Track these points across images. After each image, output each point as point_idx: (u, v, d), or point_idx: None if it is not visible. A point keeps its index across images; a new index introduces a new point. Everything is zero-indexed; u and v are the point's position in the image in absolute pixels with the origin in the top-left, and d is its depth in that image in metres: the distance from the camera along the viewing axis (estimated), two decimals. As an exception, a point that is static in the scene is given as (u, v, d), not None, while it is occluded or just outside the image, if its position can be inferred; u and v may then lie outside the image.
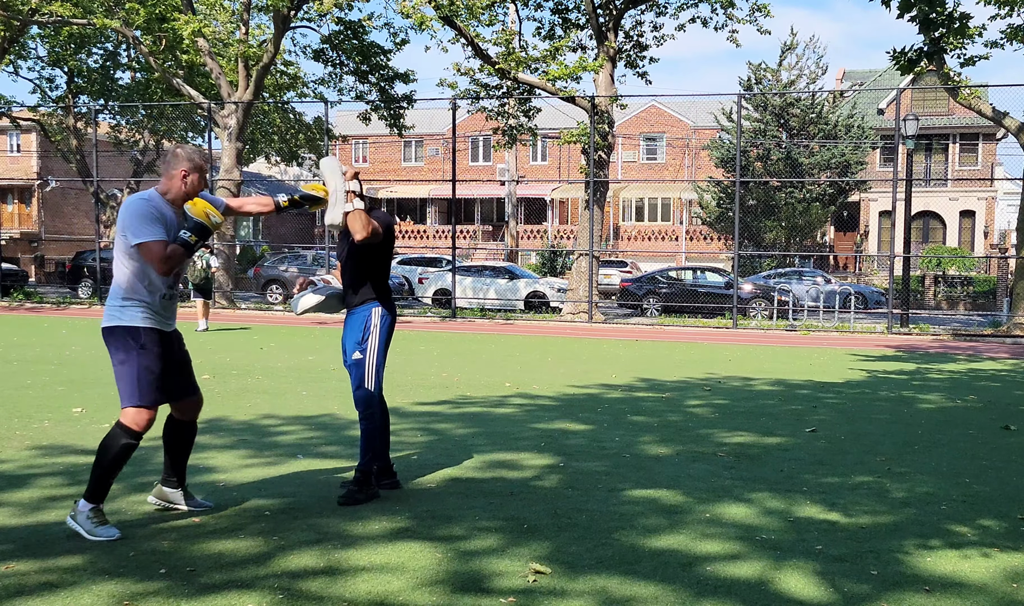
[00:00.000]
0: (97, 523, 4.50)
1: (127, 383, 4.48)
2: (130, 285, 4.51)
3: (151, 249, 4.42)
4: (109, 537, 4.46)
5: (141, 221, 4.43)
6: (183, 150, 4.65)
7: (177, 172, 4.59)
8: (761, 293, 24.59)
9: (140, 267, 4.51)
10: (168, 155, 4.65)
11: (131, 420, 4.48)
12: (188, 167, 4.60)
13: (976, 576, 4.18)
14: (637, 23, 24.11)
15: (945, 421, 8.45)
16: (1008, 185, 39.78)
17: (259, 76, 24.61)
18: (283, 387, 9.94)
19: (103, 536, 4.46)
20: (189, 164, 4.60)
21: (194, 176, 4.61)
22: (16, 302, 26.26)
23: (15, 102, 32.78)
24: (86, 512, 4.50)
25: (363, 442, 5.32)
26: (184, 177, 4.60)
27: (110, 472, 4.50)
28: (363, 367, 5.30)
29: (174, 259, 4.48)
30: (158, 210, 4.50)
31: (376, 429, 5.34)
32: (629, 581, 4.04)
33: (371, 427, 5.32)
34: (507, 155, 38.10)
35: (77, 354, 12.90)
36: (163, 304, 4.61)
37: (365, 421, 5.33)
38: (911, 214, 22.14)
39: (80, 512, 4.52)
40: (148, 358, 4.50)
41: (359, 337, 5.32)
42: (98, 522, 4.50)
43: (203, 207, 4.56)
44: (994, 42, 19.79)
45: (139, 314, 4.51)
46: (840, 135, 36.53)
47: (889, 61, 9.18)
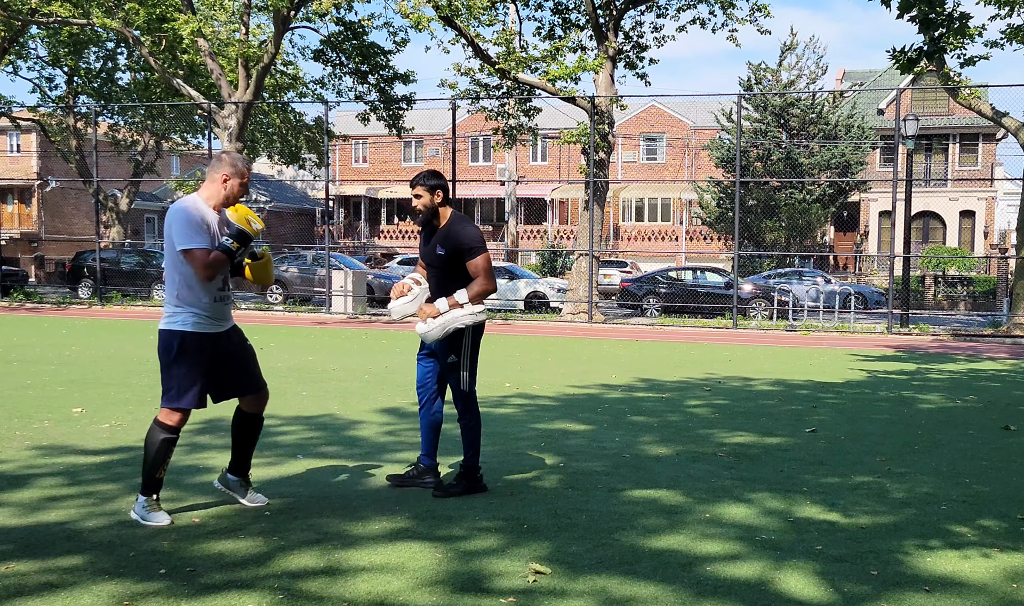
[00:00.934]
0: (152, 510, 4.78)
1: (168, 383, 4.70)
2: (180, 290, 4.67)
3: (195, 256, 4.58)
4: (159, 523, 4.72)
5: (187, 228, 4.57)
6: (227, 155, 4.81)
7: (219, 176, 4.73)
8: (761, 293, 24.59)
9: (188, 272, 4.66)
10: (213, 160, 4.81)
11: (166, 417, 4.73)
12: (229, 172, 4.73)
13: (976, 576, 4.18)
14: (637, 24, 24.11)
15: (945, 421, 8.45)
16: (1008, 185, 39.79)
17: (259, 76, 24.60)
18: (283, 387, 9.93)
19: (154, 522, 4.72)
20: (231, 169, 4.73)
21: (234, 181, 4.75)
22: (16, 302, 26.26)
23: (15, 102, 32.78)
24: (142, 502, 4.80)
25: (466, 440, 5.50)
26: (225, 181, 4.73)
27: (155, 466, 4.74)
28: (458, 370, 5.47)
29: (216, 266, 4.62)
30: (201, 216, 4.64)
31: (478, 426, 5.51)
32: (629, 581, 4.04)
33: (472, 424, 5.50)
34: (507, 155, 38.11)
35: (77, 354, 12.90)
36: (214, 307, 4.74)
37: (465, 419, 5.50)
38: (911, 214, 22.13)
39: (137, 503, 4.82)
40: (189, 362, 4.67)
41: (454, 341, 5.44)
42: (153, 509, 4.79)
43: (244, 213, 4.70)
44: (994, 42, 19.79)
45: (188, 319, 4.67)
46: (840, 135, 36.54)
47: (889, 60, 9.17)
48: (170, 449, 4.74)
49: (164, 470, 4.79)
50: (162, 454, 4.72)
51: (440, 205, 5.42)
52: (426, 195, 5.38)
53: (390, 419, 8.03)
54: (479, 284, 5.33)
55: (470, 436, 5.50)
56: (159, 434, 4.71)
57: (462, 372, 5.46)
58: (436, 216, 5.43)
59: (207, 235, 4.61)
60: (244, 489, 5.17)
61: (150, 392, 9.40)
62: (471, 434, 5.50)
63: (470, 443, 5.51)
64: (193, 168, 43.71)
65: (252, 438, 5.14)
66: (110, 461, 6.23)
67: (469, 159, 47.08)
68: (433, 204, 5.40)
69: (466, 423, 5.51)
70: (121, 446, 6.72)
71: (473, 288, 5.33)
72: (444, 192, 5.43)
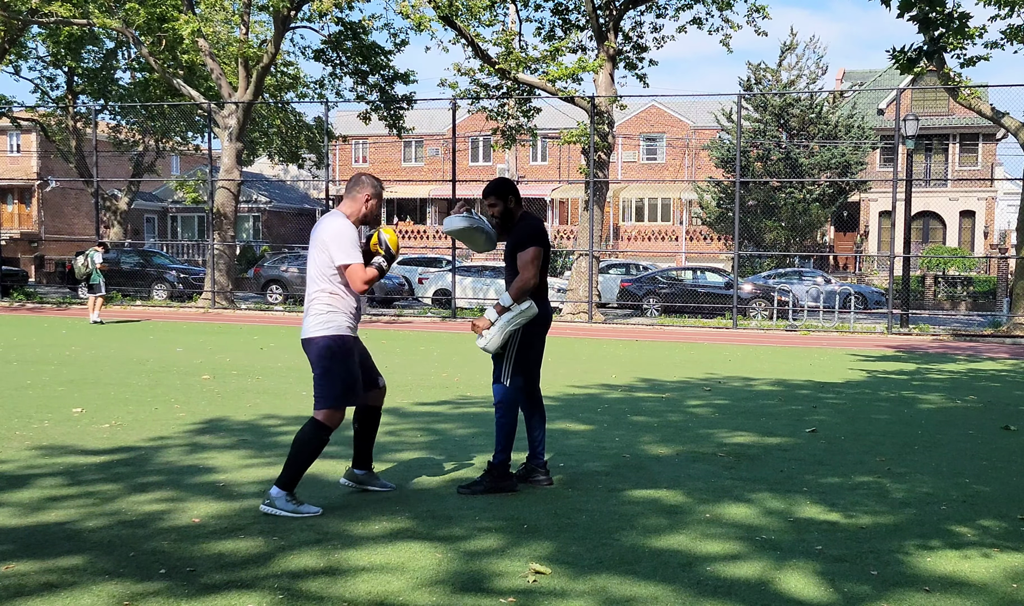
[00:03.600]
0: (296, 504, 4.93)
1: (331, 386, 4.93)
2: (328, 298, 4.96)
3: (354, 271, 4.92)
4: (313, 513, 4.91)
5: (347, 243, 4.91)
6: (367, 177, 5.13)
7: (362, 196, 5.07)
8: (761, 293, 24.58)
9: (340, 283, 4.98)
10: (353, 180, 5.12)
11: (327, 419, 4.96)
12: (371, 193, 5.08)
13: (976, 576, 4.18)
14: (637, 24, 24.12)
15: (945, 421, 8.45)
16: (1008, 185, 39.78)
17: (259, 76, 24.60)
18: (283, 387, 9.94)
19: (307, 513, 4.90)
20: (371, 190, 5.08)
21: (374, 202, 5.10)
22: (16, 302, 26.26)
23: (15, 102, 32.77)
24: (283, 497, 4.93)
25: (496, 436, 5.48)
26: (367, 201, 5.08)
27: (305, 464, 4.97)
28: (500, 364, 5.45)
29: (371, 280, 4.97)
30: (355, 231, 4.99)
31: (508, 424, 5.45)
32: (629, 581, 4.04)
33: (502, 420, 5.46)
34: (507, 155, 38.12)
35: (77, 354, 12.91)
36: (355, 313, 5.08)
37: (498, 414, 5.48)
38: (911, 214, 22.13)
39: (276, 498, 4.93)
40: (347, 364, 4.97)
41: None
42: (296, 502, 4.94)
43: (396, 239, 5.10)
44: (994, 42, 19.79)
45: (338, 323, 4.97)
46: (840, 135, 36.53)
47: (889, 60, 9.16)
48: (322, 450, 5.03)
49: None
50: (315, 454, 4.99)
51: (513, 208, 5.56)
52: (500, 203, 5.53)
53: (390, 419, 8.02)
54: (519, 279, 5.36)
55: (499, 433, 5.46)
56: (321, 434, 4.95)
57: (505, 364, 5.43)
58: (511, 219, 5.56)
59: (360, 250, 4.98)
60: (373, 478, 5.50)
61: (150, 392, 9.41)
62: (500, 431, 5.46)
63: (498, 440, 5.47)
64: (193, 168, 43.74)
65: (374, 430, 5.45)
66: (110, 461, 6.23)
67: (469, 159, 47.07)
68: (507, 209, 5.55)
69: (498, 418, 5.47)
70: (121, 446, 6.72)
71: (514, 285, 5.36)
72: (515, 196, 5.57)
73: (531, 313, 5.36)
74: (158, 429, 7.42)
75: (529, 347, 5.47)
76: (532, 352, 5.52)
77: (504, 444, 5.48)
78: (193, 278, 28.59)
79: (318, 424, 4.95)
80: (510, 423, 5.47)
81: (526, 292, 5.37)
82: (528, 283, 5.35)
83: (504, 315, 5.34)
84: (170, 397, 9.09)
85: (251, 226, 46.56)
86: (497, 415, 5.49)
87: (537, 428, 5.67)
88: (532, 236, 5.43)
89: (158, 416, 8.02)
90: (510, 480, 5.53)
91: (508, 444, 5.48)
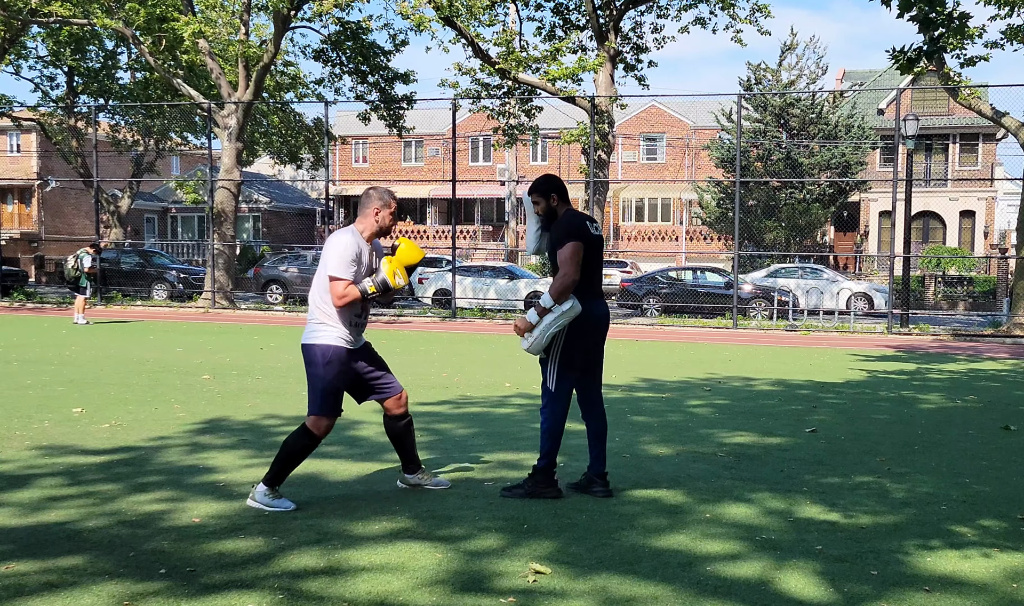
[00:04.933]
0: (273, 498, 5.11)
1: (314, 393, 5.09)
2: (324, 309, 5.07)
3: (335, 286, 5.00)
4: (285, 508, 5.06)
5: (339, 259, 5.00)
6: (375, 191, 5.20)
7: (371, 210, 5.16)
8: (761, 293, 24.58)
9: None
10: (363, 197, 5.22)
11: (312, 425, 5.09)
12: (379, 205, 5.15)
13: (976, 576, 4.18)
14: (637, 24, 24.12)
15: (945, 421, 8.45)
16: (1008, 185, 39.77)
17: (259, 76, 24.60)
18: (283, 387, 9.94)
19: (279, 507, 5.07)
20: (380, 202, 5.15)
21: (384, 213, 5.15)
22: (16, 302, 26.26)
23: (16, 102, 32.76)
24: (263, 490, 5.11)
25: (543, 441, 5.33)
26: (376, 214, 5.15)
27: (290, 465, 5.14)
28: (546, 366, 5.33)
29: (347, 299, 5.01)
30: (357, 249, 5.06)
31: (551, 429, 5.28)
32: (629, 581, 4.04)
33: (545, 425, 5.32)
34: (507, 155, 38.11)
35: (77, 354, 12.90)
36: (351, 329, 5.12)
37: (542, 417, 5.35)
38: (911, 214, 22.12)
39: (258, 491, 5.13)
40: (334, 373, 5.05)
41: None
42: (274, 497, 5.11)
43: (395, 267, 5.09)
44: (994, 42, 19.79)
45: (333, 334, 5.05)
46: (840, 135, 36.52)
47: (888, 60, 9.15)
48: (307, 453, 5.18)
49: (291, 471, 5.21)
50: (300, 457, 5.14)
51: (556, 206, 5.41)
52: (543, 201, 5.39)
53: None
54: (557, 279, 5.16)
55: (542, 437, 5.33)
56: (303, 439, 5.09)
57: (549, 367, 5.30)
58: (555, 217, 5.41)
59: (355, 267, 5.03)
60: (426, 477, 5.57)
61: (150, 392, 9.41)
62: (543, 435, 5.32)
63: (542, 444, 5.33)
64: (193, 168, 43.74)
65: (409, 434, 5.47)
66: (110, 461, 6.23)
67: (469, 159, 47.06)
68: (550, 207, 5.40)
69: (541, 422, 5.35)
70: (121, 446, 6.72)
71: (554, 286, 5.15)
72: (559, 194, 5.41)
73: (574, 313, 5.16)
74: (158, 429, 7.42)
75: (575, 349, 5.25)
76: (580, 354, 5.29)
77: (548, 448, 5.31)
78: (193, 278, 28.60)
79: (305, 429, 5.10)
80: (553, 427, 5.30)
81: (566, 291, 5.14)
82: (567, 281, 5.13)
83: (545, 318, 5.16)
84: (170, 397, 9.09)
85: (251, 226, 46.55)
86: (541, 418, 5.36)
87: (596, 439, 5.45)
88: (568, 231, 5.21)
89: (158, 416, 8.02)
90: (553, 487, 5.34)
91: (552, 449, 5.31)
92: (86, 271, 18.81)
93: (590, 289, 5.31)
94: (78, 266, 18.75)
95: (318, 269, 5.11)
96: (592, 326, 5.32)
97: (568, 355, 5.27)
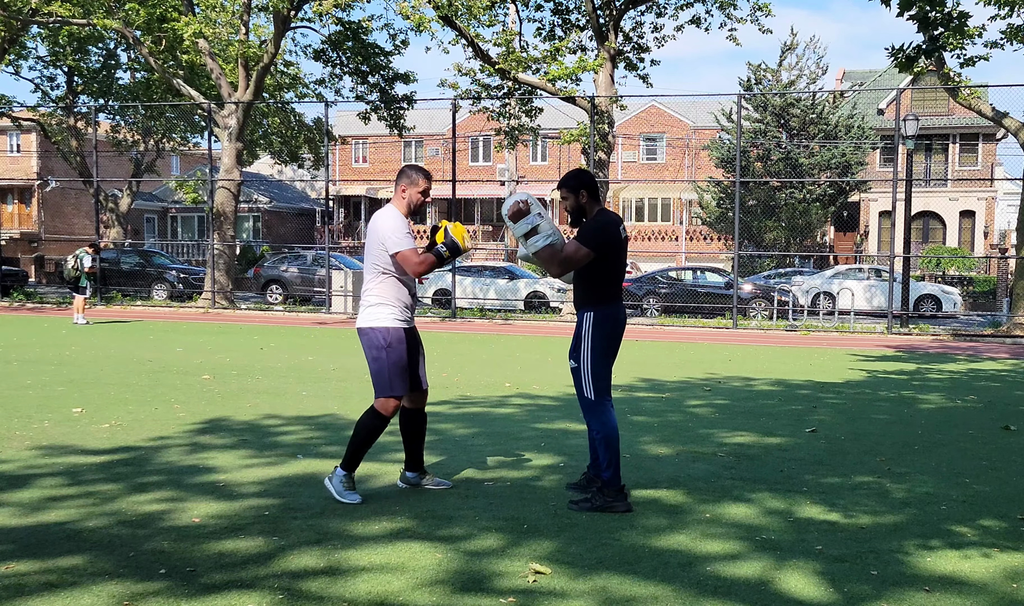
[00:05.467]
0: (346, 487, 5.24)
1: (379, 376, 5.17)
2: (380, 289, 5.18)
3: (406, 256, 5.09)
4: (351, 501, 5.19)
5: (397, 233, 5.11)
6: (406, 168, 5.31)
7: (398, 189, 5.29)
8: (761, 293, 24.58)
9: (392, 275, 5.18)
10: (397, 176, 5.34)
11: (381, 407, 5.19)
12: (405, 184, 5.26)
13: (976, 576, 4.18)
14: (637, 24, 24.12)
15: (945, 421, 8.45)
16: (1008, 185, 39.77)
17: (259, 76, 24.60)
18: (283, 387, 9.94)
19: (347, 499, 5.20)
20: (406, 181, 5.26)
21: (412, 190, 5.25)
22: (16, 302, 26.26)
23: (15, 102, 32.76)
24: (340, 476, 5.25)
25: (600, 453, 5.13)
26: (403, 192, 5.27)
27: (362, 448, 5.24)
28: (579, 376, 5.17)
29: (426, 265, 5.10)
30: (406, 221, 5.19)
31: (607, 437, 5.10)
32: (629, 581, 4.04)
33: (598, 435, 5.12)
34: (507, 155, 38.11)
35: (77, 354, 12.90)
36: (408, 305, 5.25)
37: (592, 430, 5.17)
38: (911, 214, 22.12)
39: (336, 475, 5.27)
40: (396, 354, 5.15)
41: (574, 345, 5.23)
42: (347, 487, 5.24)
43: (462, 231, 5.17)
44: (994, 42, 19.78)
45: (389, 315, 5.17)
46: (840, 135, 36.52)
47: (888, 58, 9.16)
48: (378, 435, 5.26)
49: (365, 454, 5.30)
50: (371, 439, 5.23)
51: (586, 204, 5.22)
52: (571, 197, 5.23)
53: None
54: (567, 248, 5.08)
55: (600, 448, 5.12)
56: (374, 421, 5.19)
57: (584, 376, 5.15)
58: (584, 214, 5.24)
59: (412, 237, 5.15)
60: (426, 478, 5.60)
61: (150, 392, 9.41)
62: (600, 446, 5.11)
63: (601, 456, 5.13)
64: (193, 168, 43.74)
65: (422, 432, 5.54)
66: (110, 461, 6.23)
67: (469, 159, 47.06)
68: (579, 204, 5.23)
69: (592, 434, 5.18)
70: (121, 446, 6.72)
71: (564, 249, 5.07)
72: (588, 190, 5.22)
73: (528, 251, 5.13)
74: (158, 429, 7.42)
75: (602, 353, 5.16)
76: (608, 359, 5.20)
77: (608, 459, 5.10)
78: (193, 278, 28.60)
79: (373, 411, 5.20)
80: (607, 435, 5.10)
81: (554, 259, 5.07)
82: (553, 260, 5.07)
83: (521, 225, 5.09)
84: (170, 397, 9.09)
85: (251, 226, 46.56)
86: (591, 432, 5.19)
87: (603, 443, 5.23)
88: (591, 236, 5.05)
89: (158, 416, 8.02)
90: (623, 501, 5.13)
91: (612, 458, 5.10)
92: (86, 271, 18.83)
93: (616, 293, 5.23)
94: (78, 266, 18.79)
95: (368, 251, 5.18)
96: (616, 330, 5.24)
97: (597, 360, 5.16)
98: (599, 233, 5.10)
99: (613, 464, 5.12)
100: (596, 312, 5.16)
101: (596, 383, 5.15)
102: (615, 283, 5.21)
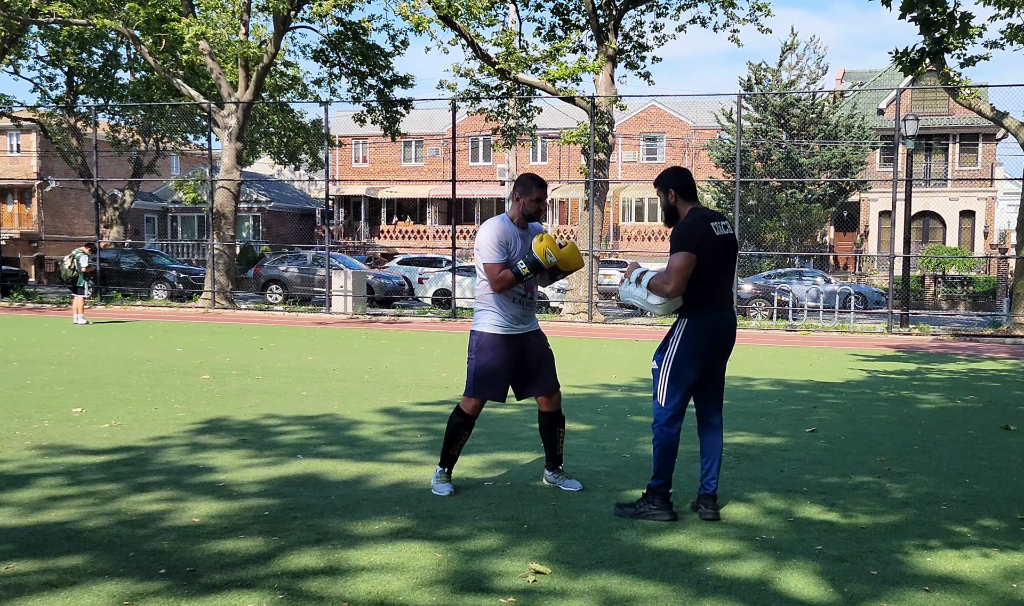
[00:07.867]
0: (439, 481, 5.51)
1: (468, 375, 5.42)
2: (483, 295, 5.37)
3: (490, 271, 5.25)
4: (440, 492, 5.43)
5: (487, 245, 5.26)
6: (522, 176, 5.42)
7: (513, 196, 5.41)
8: (761, 293, 24.58)
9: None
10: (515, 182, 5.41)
11: (463, 404, 5.45)
12: (519, 192, 5.36)
13: (976, 576, 4.18)
14: (637, 24, 24.11)
15: (945, 421, 8.45)
16: (1008, 185, 39.76)
17: (259, 76, 24.60)
18: (283, 387, 9.94)
19: (438, 491, 5.44)
20: (520, 189, 5.36)
21: (525, 198, 5.32)
22: (16, 302, 26.26)
23: (15, 102, 32.75)
24: (436, 472, 5.54)
25: (653, 457, 5.03)
26: (517, 200, 5.36)
27: (450, 444, 5.46)
28: (656, 379, 5.01)
29: (504, 282, 5.23)
30: (505, 234, 5.28)
31: (662, 445, 4.95)
32: (629, 581, 4.04)
33: (655, 441, 5.00)
34: (507, 155, 38.11)
35: (77, 354, 12.90)
36: (513, 312, 5.34)
37: (653, 432, 5.03)
38: (911, 214, 22.13)
39: (436, 471, 5.55)
40: (485, 359, 5.32)
41: (662, 347, 5.04)
42: (440, 480, 5.51)
43: (546, 245, 5.18)
44: (994, 42, 19.79)
45: (488, 321, 5.33)
46: (840, 135, 36.54)
47: (891, 61, 9.14)
48: (461, 431, 5.44)
49: (458, 449, 5.48)
50: (456, 435, 5.43)
51: (677, 204, 4.99)
52: (662, 195, 5.04)
53: (390, 419, 8.03)
54: (659, 276, 4.87)
55: (654, 454, 5.01)
56: (456, 417, 5.44)
57: (660, 379, 4.96)
58: (676, 215, 5.00)
59: (505, 251, 5.24)
60: (560, 478, 5.68)
61: (150, 392, 9.41)
62: (654, 452, 5.00)
63: (654, 462, 5.00)
64: (193, 168, 43.74)
65: (556, 433, 5.64)
66: (110, 461, 6.23)
67: (469, 159, 47.08)
68: (669, 203, 5.01)
69: (653, 439, 5.02)
70: (121, 446, 6.72)
71: (656, 278, 4.88)
72: (678, 190, 4.97)
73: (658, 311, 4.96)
74: (158, 429, 7.42)
75: (687, 364, 4.89)
76: (692, 370, 4.90)
77: (659, 466, 4.96)
78: (193, 278, 28.60)
79: (457, 407, 5.48)
80: (664, 444, 4.94)
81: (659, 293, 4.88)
82: (665, 290, 4.84)
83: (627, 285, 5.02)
84: (170, 397, 9.09)
85: (251, 226, 46.58)
86: (654, 436, 5.02)
87: (706, 456, 5.07)
88: (682, 238, 4.81)
89: (158, 416, 8.02)
90: (666, 510, 4.96)
91: (663, 466, 4.95)
92: (84, 271, 18.83)
93: (711, 297, 4.89)
94: (74, 266, 18.78)
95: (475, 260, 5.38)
96: (710, 339, 4.91)
97: (679, 368, 4.90)
98: (684, 236, 4.82)
99: (662, 474, 4.97)
100: (688, 318, 4.92)
101: (670, 390, 4.93)
102: (707, 284, 4.85)
